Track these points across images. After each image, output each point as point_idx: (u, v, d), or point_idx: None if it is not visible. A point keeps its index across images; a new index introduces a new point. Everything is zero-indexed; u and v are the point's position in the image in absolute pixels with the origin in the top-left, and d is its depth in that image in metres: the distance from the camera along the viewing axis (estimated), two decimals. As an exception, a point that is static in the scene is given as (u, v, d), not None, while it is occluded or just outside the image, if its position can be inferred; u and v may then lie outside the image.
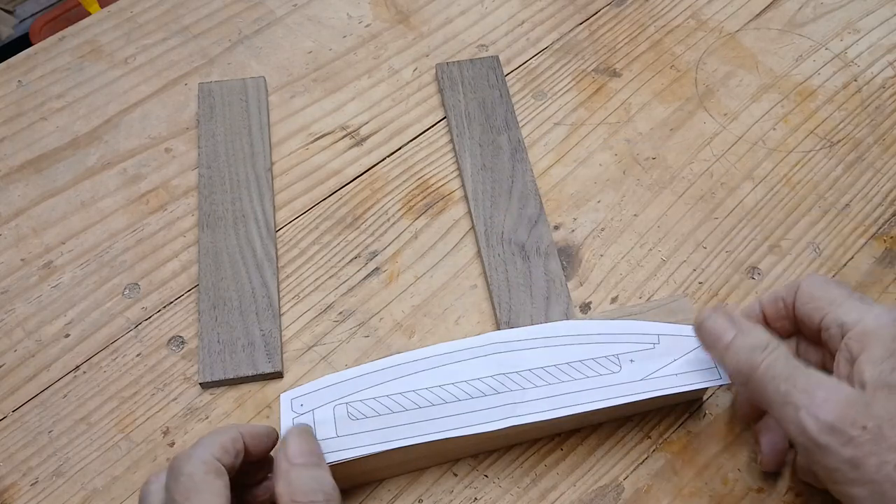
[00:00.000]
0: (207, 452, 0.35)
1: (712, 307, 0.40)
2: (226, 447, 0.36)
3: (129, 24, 0.61)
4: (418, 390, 0.40)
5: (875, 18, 0.61)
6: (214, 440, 0.36)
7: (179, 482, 0.34)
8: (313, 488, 0.35)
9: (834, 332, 0.37)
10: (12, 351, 0.47)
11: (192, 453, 0.35)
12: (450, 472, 0.43)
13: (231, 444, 0.36)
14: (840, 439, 0.33)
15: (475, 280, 0.49)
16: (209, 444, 0.36)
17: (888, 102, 0.57)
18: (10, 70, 0.58)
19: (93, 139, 0.55)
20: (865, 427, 0.33)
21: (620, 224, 0.51)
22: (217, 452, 0.35)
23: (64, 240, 0.51)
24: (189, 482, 0.34)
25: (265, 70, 0.58)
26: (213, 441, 0.36)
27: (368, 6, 0.62)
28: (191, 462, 0.35)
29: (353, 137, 0.55)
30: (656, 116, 0.56)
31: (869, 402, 0.33)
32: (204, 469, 0.34)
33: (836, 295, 0.38)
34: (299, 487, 0.35)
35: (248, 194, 0.51)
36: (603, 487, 0.42)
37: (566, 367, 0.41)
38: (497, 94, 0.56)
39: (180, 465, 0.35)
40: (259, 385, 0.45)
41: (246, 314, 0.47)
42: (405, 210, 0.52)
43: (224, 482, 0.35)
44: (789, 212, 0.52)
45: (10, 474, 0.43)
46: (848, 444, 0.33)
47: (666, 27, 0.61)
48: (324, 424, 0.39)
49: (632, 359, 0.41)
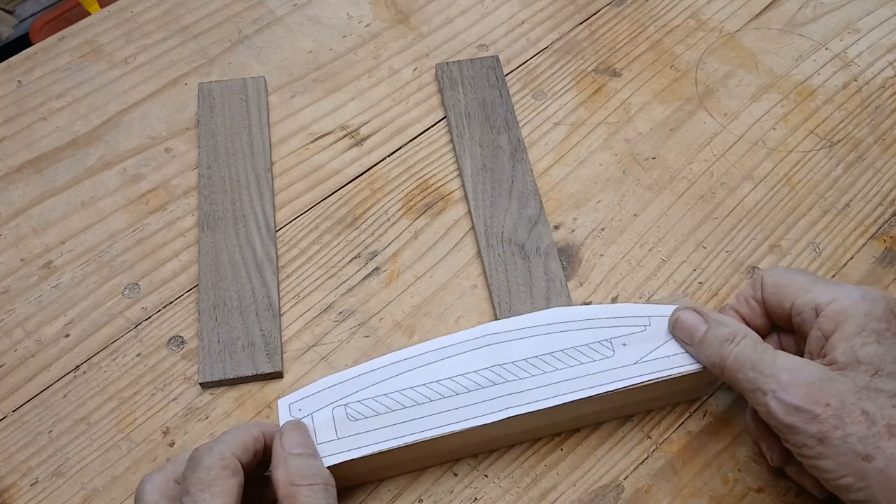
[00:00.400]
0: (228, 449, 0.36)
1: (683, 305, 0.42)
2: (246, 445, 0.37)
3: (129, 24, 0.61)
4: (415, 387, 0.40)
5: (875, 18, 0.61)
6: (237, 437, 0.37)
7: (196, 473, 0.35)
8: (312, 473, 0.36)
9: (807, 315, 0.39)
10: (12, 351, 0.47)
11: (214, 447, 0.36)
12: (450, 472, 0.43)
13: (252, 443, 0.37)
14: (805, 417, 0.35)
15: (475, 280, 0.49)
16: (232, 440, 0.37)
17: (888, 102, 0.57)
18: (10, 70, 0.58)
19: (93, 139, 0.55)
20: (829, 404, 0.35)
21: (620, 224, 0.51)
22: (238, 450, 0.36)
23: (64, 240, 0.51)
24: (205, 475, 0.35)
25: (265, 70, 0.58)
26: (236, 438, 0.37)
27: (368, 6, 0.62)
28: (211, 455, 0.36)
29: (353, 137, 0.55)
30: (656, 116, 0.56)
31: (833, 378, 0.36)
32: (222, 464, 0.35)
33: (803, 281, 0.40)
34: (297, 472, 0.36)
35: (248, 194, 0.51)
36: (603, 487, 0.42)
37: (561, 354, 0.41)
38: (497, 94, 0.56)
39: (200, 456, 0.36)
40: (259, 385, 0.45)
41: (246, 314, 0.47)
42: (405, 210, 0.52)
43: (238, 481, 0.36)
44: (789, 212, 0.52)
45: (10, 474, 0.43)
46: (813, 422, 0.35)
47: (666, 27, 0.61)
48: (323, 427, 0.39)
49: (624, 342, 0.41)
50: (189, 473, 0.35)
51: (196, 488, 0.35)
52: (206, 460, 0.35)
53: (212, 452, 0.36)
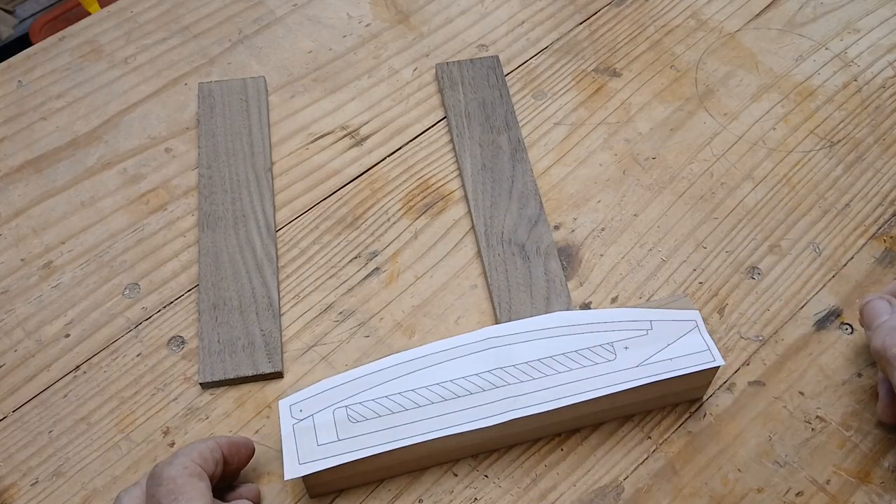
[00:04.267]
0: (188, 458, 0.36)
1: (877, 293, 0.44)
2: (204, 455, 0.37)
3: (129, 24, 0.61)
4: (417, 389, 0.40)
5: (875, 18, 0.61)
6: (194, 448, 0.37)
7: (163, 486, 0.35)
8: None
9: None
10: (12, 351, 0.47)
11: (173, 460, 0.36)
12: (450, 472, 0.43)
13: (209, 453, 0.38)
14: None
15: (475, 280, 0.49)
16: (189, 451, 0.37)
17: (888, 102, 0.57)
18: (10, 70, 0.58)
19: (93, 139, 0.55)
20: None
21: (620, 224, 0.51)
22: (197, 459, 0.37)
23: (64, 240, 0.51)
24: (172, 485, 0.35)
25: (265, 70, 0.58)
26: (193, 449, 0.37)
27: (368, 6, 0.62)
28: (172, 467, 0.36)
29: (353, 137, 0.55)
30: (656, 116, 0.56)
31: None
32: (186, 472, 0.36)
33: None
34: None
35: (248, 194, 0.51)
36: (603, 487, 0.42)
37: (562, 357, 0.41)
38: (497, 94, 0.56)
39: (161, 471, 0.36)
40: (259, 385, 0.45)
41: (246, 314, 0.47)
42: (405, 210, 0.52)
43: (206, 484, 0.36)
44: (789, 212, 0.52)
45: (10, 474, 0.43)
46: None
47: (666, 27, 0.61)
48: (324, 428, 0.39)
49: (626, 346, 0.41)
50: (155, 488, 0.35)
51: (168, 499, 0.35)
52: (168, 472, 0.36)
53: (172, 465, 0.36)
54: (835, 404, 0.44)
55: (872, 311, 0.42)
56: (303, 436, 0.39)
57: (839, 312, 0.47)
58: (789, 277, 0.49)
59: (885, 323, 0.41)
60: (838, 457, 0.43)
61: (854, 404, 0.44)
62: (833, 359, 0.46)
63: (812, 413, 0.44)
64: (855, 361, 0.46)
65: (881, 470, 0.42)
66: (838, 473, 0.42)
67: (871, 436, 0.43)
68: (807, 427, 0.44)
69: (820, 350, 0.46)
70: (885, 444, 0.43)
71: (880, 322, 0.41)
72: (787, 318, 0.47)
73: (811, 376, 0.45)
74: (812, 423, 0.44)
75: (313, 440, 0.39)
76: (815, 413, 0.44)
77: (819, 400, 0.45)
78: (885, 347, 0.40)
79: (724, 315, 0.47)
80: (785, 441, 0.43)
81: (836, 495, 0.42)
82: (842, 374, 0.45)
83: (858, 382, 0.45)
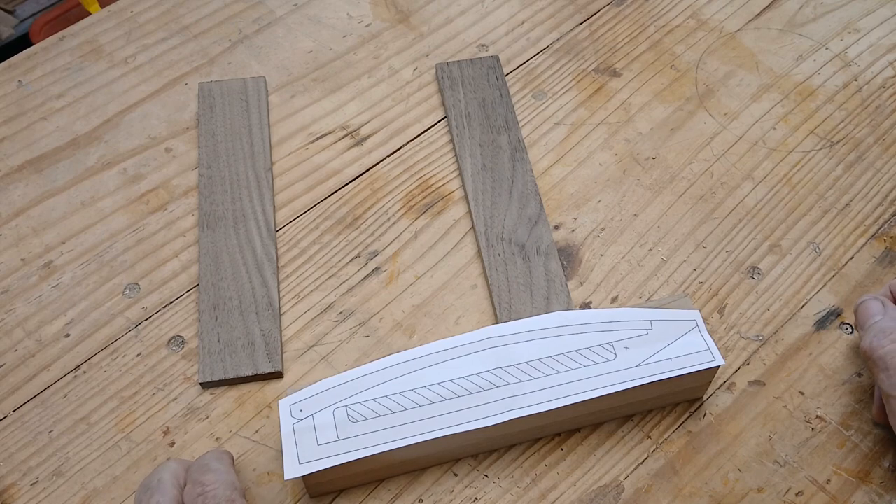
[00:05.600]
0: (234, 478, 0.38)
1: (873, 294, 0.44)
2: (235, 485, 0.38)
3: (129, 23, 0.61)
4: (417, 389, 0.40)
5: (875, 18, 0.61)
6: (232, 472, 0.39)
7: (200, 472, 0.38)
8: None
9: None
10: (12, 351, 0.47)
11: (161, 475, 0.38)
12: (450, 472, 0.43)
13: (183, 473, 0.39)
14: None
15: (475, 280, 0.49)
16: (170, 466, 0.38)
17: (888, 102, 0.57)
18: (10, 70, 0.58)
19: (93, 139, 0.55)
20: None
21: (620, 224, 0.51)
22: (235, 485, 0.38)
23: (64, 240, 0.51)
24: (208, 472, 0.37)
25: (265, 70, 0.58)
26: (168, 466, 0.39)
27: (368, 6, 0.62)
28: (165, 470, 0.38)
29: (353, 137, 0.55)
30: (656, 116, 0.56)
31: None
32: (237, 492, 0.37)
33: None
34: None
35: (248, 194, 0.51)
36: (603, 487, 0.42)
37: (562, 357, 0.41)
38: (497, 94, 0.56)
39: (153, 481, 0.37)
40: (259, 385, 0.45)
41: (246, 314, 0.47)
42: (405, 210, 0.52)
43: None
44: (789, 212, 0.52)
45: (10, 474, 0.43)
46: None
47: (666, 27, 0.61)
48: (324, 428, 0.39)
49: (626, 346, 0.41)
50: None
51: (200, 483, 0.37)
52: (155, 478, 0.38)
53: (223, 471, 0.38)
54: (835, 404, 0.44)
55: (865, 311, 0.43)
56: (303, 436, 0.39)
57: (839, 312, 0.47)
58: (789, 277, 0.49)
59: (876, 324, 0.41)
60: (838, 457, 0.43)
61: (854, 404, 0.44)
62: (833, 359, 0.46)
63: (812, 413, 0.44)
64: (855, 361, 0.46)
65: (881, 470, 0.42)
66: (838, 473, 0.42)
67: (871, 436, 0.43)
68: (807, 427, 0.44)
69: (820, 350, 0.46)
70: (885, 444, 0.43)
71: (871, 323, 0.42)
72: (787, 318, 0.47)
73: (811, 376, 0.45)
74: (812, 422, 0.44)
75: (313, 440, 0.39)
76: (815, 413, 0.44)
77: (819, 400, 0.45)
78: (872, 349, 0.40)
79: (724, 315, 0.47)
80: (785, 441, 0.43)
81: (836, 495, 0.42)
82: (842, 374, 0.45)
83: (858, 382, 0.45)
